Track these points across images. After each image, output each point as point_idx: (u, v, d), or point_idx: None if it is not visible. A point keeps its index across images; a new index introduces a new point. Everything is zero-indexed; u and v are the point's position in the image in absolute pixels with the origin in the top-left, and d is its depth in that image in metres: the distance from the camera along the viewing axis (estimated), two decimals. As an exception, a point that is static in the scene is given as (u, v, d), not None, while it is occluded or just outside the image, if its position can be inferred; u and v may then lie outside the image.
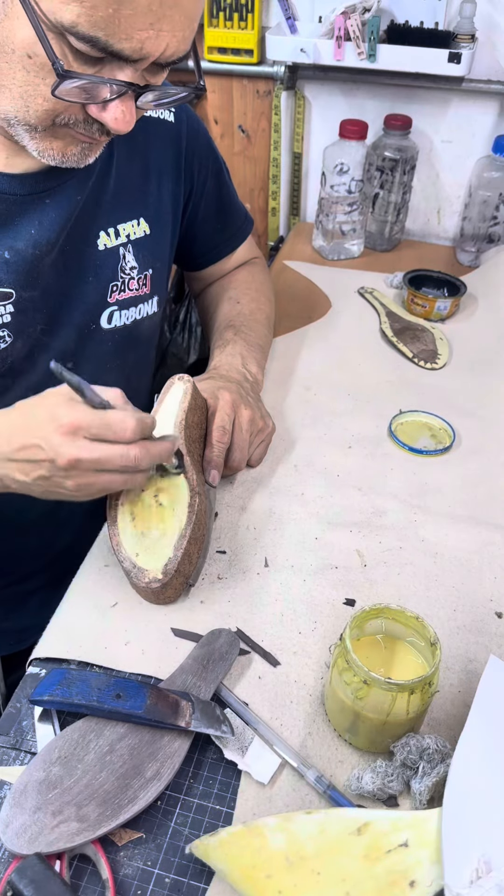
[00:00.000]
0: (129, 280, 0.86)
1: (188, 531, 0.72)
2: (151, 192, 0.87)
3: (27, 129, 0.65)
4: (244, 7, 1.30)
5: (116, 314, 0.86)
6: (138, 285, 0.87)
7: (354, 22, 1.18)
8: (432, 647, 0.61)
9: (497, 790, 0.54)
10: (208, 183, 0.97)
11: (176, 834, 0.59)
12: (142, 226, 0.86)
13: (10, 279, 0.75)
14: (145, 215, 0.86)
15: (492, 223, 1.32)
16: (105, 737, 0.61)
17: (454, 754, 0.56)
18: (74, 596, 0.75)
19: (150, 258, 0.88)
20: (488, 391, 1.05)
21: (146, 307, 0.90)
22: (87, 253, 0.82)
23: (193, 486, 0.75)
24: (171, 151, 0.89)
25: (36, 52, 0.59)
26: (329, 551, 0.81)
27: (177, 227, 0.94)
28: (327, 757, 0.63)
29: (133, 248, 0.85)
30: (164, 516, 0.74)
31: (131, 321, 0.88)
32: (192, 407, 0.81)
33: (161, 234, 0.89)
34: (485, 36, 1.24)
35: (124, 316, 0.87)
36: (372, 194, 1.35)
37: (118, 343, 0.88)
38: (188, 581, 0.75)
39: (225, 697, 0.66)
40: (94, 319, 0.85)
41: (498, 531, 0.83)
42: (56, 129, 0.66)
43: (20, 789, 0.58)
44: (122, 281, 0.85)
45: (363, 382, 1.06)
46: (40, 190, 0.75)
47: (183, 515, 0.73)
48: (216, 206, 1.00)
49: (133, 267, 0.86)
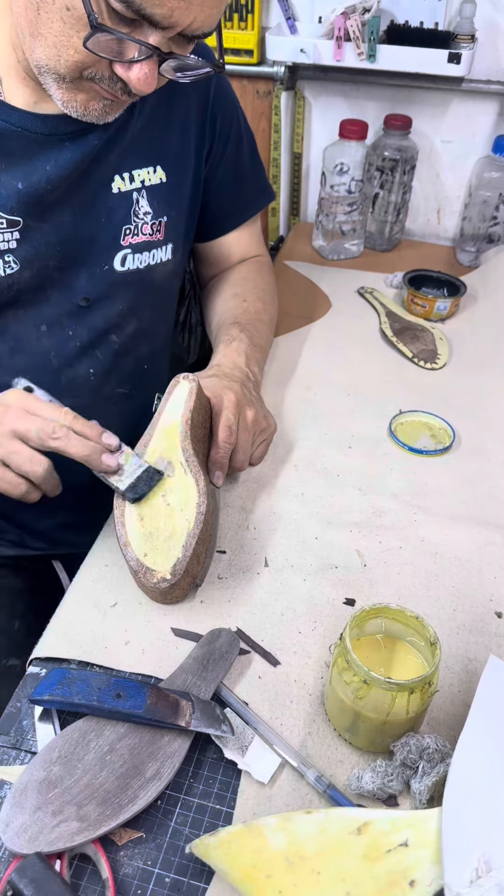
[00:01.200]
0: (143, 225, 0.88)
1: (196, 532, 0.72)
2: (172, 142, 0.90)
3: (56, 78, 0.69)
4: (244, 7, 1.30)
5: (130, 257, 0.88)
6: (152, 231, 0.89)
7: (354, 22, 1.18)
8: (432, 647, 0.61)
9: (497, 790, 0.54)
10: (228, 147, 0.99)
11: (176, 833, 0.59)
12: (158, 173, 0.88)
13: (19, 208, 0.78)
14: (163, 163, 0.89)
15: (492, 223, 1.32)
16: (105, 736, 0.61)
17: (454, 754, 0.56)
18: (74, 596, 0.75)
19: (166, 206, 0.90)
20: (488, 391, 1.05)
21: (160, 253, 0.92)
22: (100, 195, 0.84)
23: (201, 486, 0.75)
24: (197, 107, 0.92)
25: (74, 6, 0.63)
26: (329, 551, 0.81)
27: (199, 181, 0.96)
28: (327, 757, 0.63)
29: (147, 193, 0.88)
30: (172, 517, 0.74)
31: (144, 266, 0.90)
32: (197, 407, 0.81)
33: (178, 184, 0.92)
34: (485, 36, 1.24)
35: (137, 260, 0.89)
36: (372, 194, 1.35)
37: (132, 286, 0.90)
38: (195, 581, 0.75)
39: (225, 697, 0.66)
40: (107, 261, 0.87)
41: (498, 531, 0.84)
42: (82, 82, 0.70)
43: (20, 789, 0.58)
44: (136, 225, 0.88)
45: (363, 382, 1.06)
46: (61, 132, 0.79)
47: (191, 516, 0.73)
48: (233, 172, 1.01)
49: (147, 212, 0.88)
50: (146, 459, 0.77)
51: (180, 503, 0.74)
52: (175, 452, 0.77)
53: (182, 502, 0.74)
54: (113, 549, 0.80)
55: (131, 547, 0.73)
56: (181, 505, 0.74)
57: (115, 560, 0.78)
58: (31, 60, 0.70)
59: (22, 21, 0.68)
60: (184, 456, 0.77)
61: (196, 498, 0.74)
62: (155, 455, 0.78)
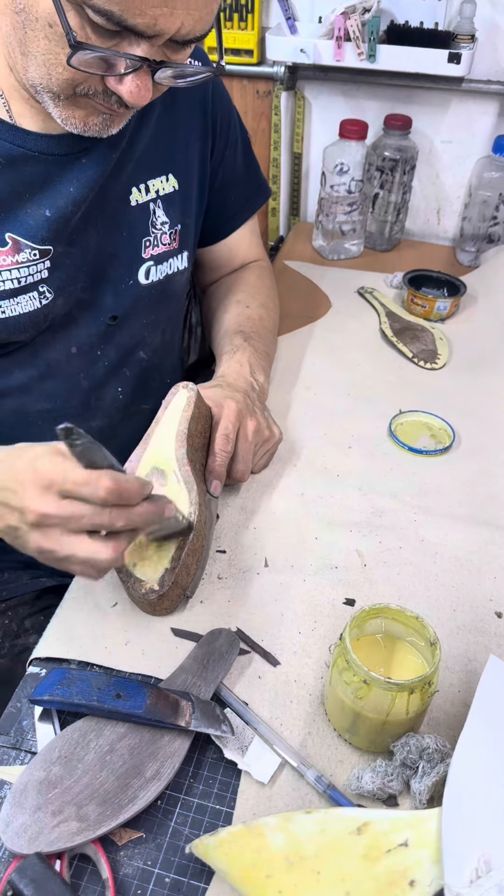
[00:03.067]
0: (162, 235, 0.88)
1: (186, 542, 0.71)
2: (180, 148, 0.89)
3: (51, 96, 0.68)
4: (244, 7, 1.30)
5: (153, 269, 0.89)
6: (170, 240, 0.89)
7: (354, 22, 1.18)
8: (432, 647, 0.61)
9: (497, 790, 0.54)
10: (228, 149, 0.98)
11: (176, 833, 0.59)
12: (170, 181, 0.88)
13: (50, 236, 0.77)
14: (174, 171, 0.88)
15: (492, 223, 1.32)
16: (105, 736, 0.61)
17: (454, 754, 0.56)
18: (74, 596, 0.75)
19: (180, 214, 0.90)
20: (488, 391, 1.05)
21: (177, 262, 0.92)
22: (120, 209, 0.84)
23: (193, 497, 0.74)
24: (198, 111, 0.91)
25: (55, 22, 0.61)
26: (329, 551, 0.81)
27: (205, 186, 0.96)
28: (327, 757, 0.63)
29: (163, 203, 0.87)
30: None
31: (164, 276, 0.91)
32: (196, 416, 0.80)
33: (189, 190, 0.91)
34: (485, 36, 1.24)
35: (159, 271, 0.90)
36: (372, 194, 1.35)
37: (155, 298, 0.90)
38: (186, 593, 0.74)
39: (225, 697, 0.66)
40: (132, 275, 0.87)
41: (498, 531, 0.84)
42: (77, 98, 0.68)
43: (20, 789, 0.58)
44: (155, 236, 0.87)
45: (363, 382, 1.06)
46: (77, 150, 0.77)
47: None
48: (233, 173, 1.01)
49: (164, 222, 0.88)
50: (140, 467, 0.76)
51: None
52: (169, 462, 0.77)
53: None
54: (113, 549, 0.80)
55: None
56: None
57: (115, 560, 0.78)
58: (26, 80, 0.68)
59: (12, 41, 0.66)
60: (177, 465, 0.76)
61: (187, 509, 0.73)
62: (149, 464, 0.77)
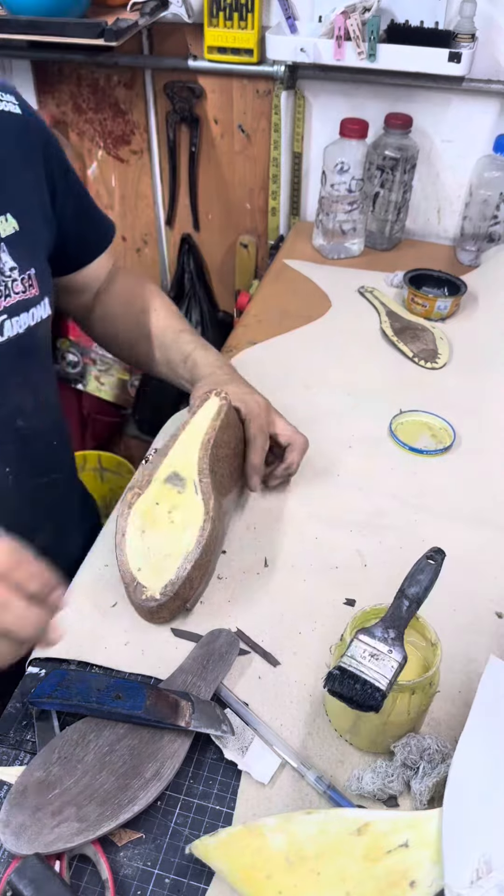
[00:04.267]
0: (13, 283, 0.76)
1: (195, 556, 0.70)
2: (9, 185, 0.78)
3: None
4: (244, 7, 1.29)
5: (8, 324, 0.76)
6: (24, 287, 0.78)
7: (354, 22, 1.18)
8: (432, 648, 0.61)
9: (497, 790, 0.54)
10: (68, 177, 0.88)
11: (176, 834, 0.59)
12: (10, 222, 0.77)
13: None
14: (11, 211, 0.77)
15: (492, 222, 1.32)
16: (105, 737, 0.61)
17: (454, 754, 0.56)
18: (74, 596, 0.75)
19: (29, 256, 0.79)
20: (488, 391, 1.05)
21: (39, 311, 0.80)
22: None
23: (209, 510, 0.72)
24: (23, 143, 0.80)
25: None
26: (329, 551, 0.80)
27: (49, 220, 0.85)
28: (327, 757, 0.63)
29: (6, 246, 0.76)
30: (173, 535, 0.72)
31: (25, 329, 0.78)
32: (224, 425, 0.78)
33: (34, 229, 0.81)
34: (485, 36, 1.23)
35: (17, 324, 0.77)
36: (372, 193, 1.35)
37: (17, 356, 0.78)
38: (186, 605, 0.73)
39: (225, 697, 0.66)
40: None
41: (498, 531, 0.83)
42: None
43: (20, 790, 0.58)
44: (5, 285, 0.76)
45: (363, 382, 1.06)
46: None
47: (192, 539, 0.71)
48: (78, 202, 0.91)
49: (13, 267, 0.76)
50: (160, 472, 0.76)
51: (185, 522, 0.72)
52: (191, 469, 0.75)
53: (187, 522, 0.72)
54: (112, 550, 0.79)
55: (127, 558, 0.71)
56: (185, 525, 0.72)
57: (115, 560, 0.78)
58: None
59: None
60: (198, 475, 0.74)
61: (201, 520, 0.72)
62: (170, 469, 0.76)
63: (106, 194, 1.66)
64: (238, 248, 1.62)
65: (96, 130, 1.57)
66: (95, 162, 1.62)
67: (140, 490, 0.75)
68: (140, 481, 0.76)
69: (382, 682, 0.56)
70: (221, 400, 0.80)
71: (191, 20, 1.34)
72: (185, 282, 1.69)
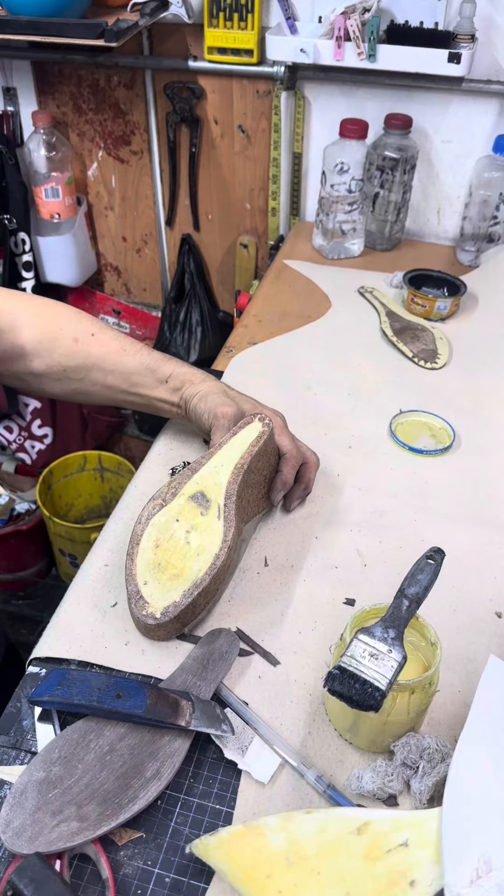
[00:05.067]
0: None
1: (204, 583, 0.69)
2: None
3: None
4: (244, 7, 1.29)
5: None
6: None
7: (354, 22, 1.18)
8: (432, 647, 0.61)
9: (497, 790, 0.54)
10: None
11: (176, 833, 0.59)
12: None
13: None
14: None
15: (492, 223, 1.32)
16: (105, 736, 0.61)
17: (454, 754, 0.56)
18: (74, 596, 0.75)
19: None
20: (488, 391, 1.05)
21: None
22: None
23: (227, 538, 0.71)
24: None
25: None
26: (329, 551, 0.81)
27: None
28: (327, 757, 0.63)
29: None
30: (187, 556, 0.71)
31: None
32: (261, 452, 0.76)
33: None
34: (485, 36, 1.24)
35: None
36: (372, 194, 1.35)
37: None
38: (184, 629, 0.72)
39: (225, 697, 0.66)
40: None
41: (498, 531, 0.84)
42: None
43: (20, 789, 0.58)
44: None
45: (363, 382, 1.06)
46: None
47: (205, 564, 0.70)
48: None
49: None
50: (187, 488, 0.74)
51: (200, 546, 0.71)
52: (219, 492, 0.74)
53: (202, 546, 0.71)
54: (113, 550, 0.80)
55: (136, 569, 0.70)
56: (200, 548, 0.71)
57: (115, 560, 0.78)
58: None
59: None
60: (225, 499, 0.73)
61: (217, 548, 0.71)
62: (197, 487, 0.74)
63: (106, 195, 1.66)
64: (238, 248, 1.62)
65: (96, 131, 1.58)
66: (96, 162, 1.62)
67: (164, 502, 0.74)
68: (165, 493, 0.75)
69: (382, 681, 0.56)
70: (264, 427, 0.77)
71: (191, 21, 1.34)
72: (185, 282, 1.69)
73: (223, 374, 1.06)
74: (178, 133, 1.52)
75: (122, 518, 0.83)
